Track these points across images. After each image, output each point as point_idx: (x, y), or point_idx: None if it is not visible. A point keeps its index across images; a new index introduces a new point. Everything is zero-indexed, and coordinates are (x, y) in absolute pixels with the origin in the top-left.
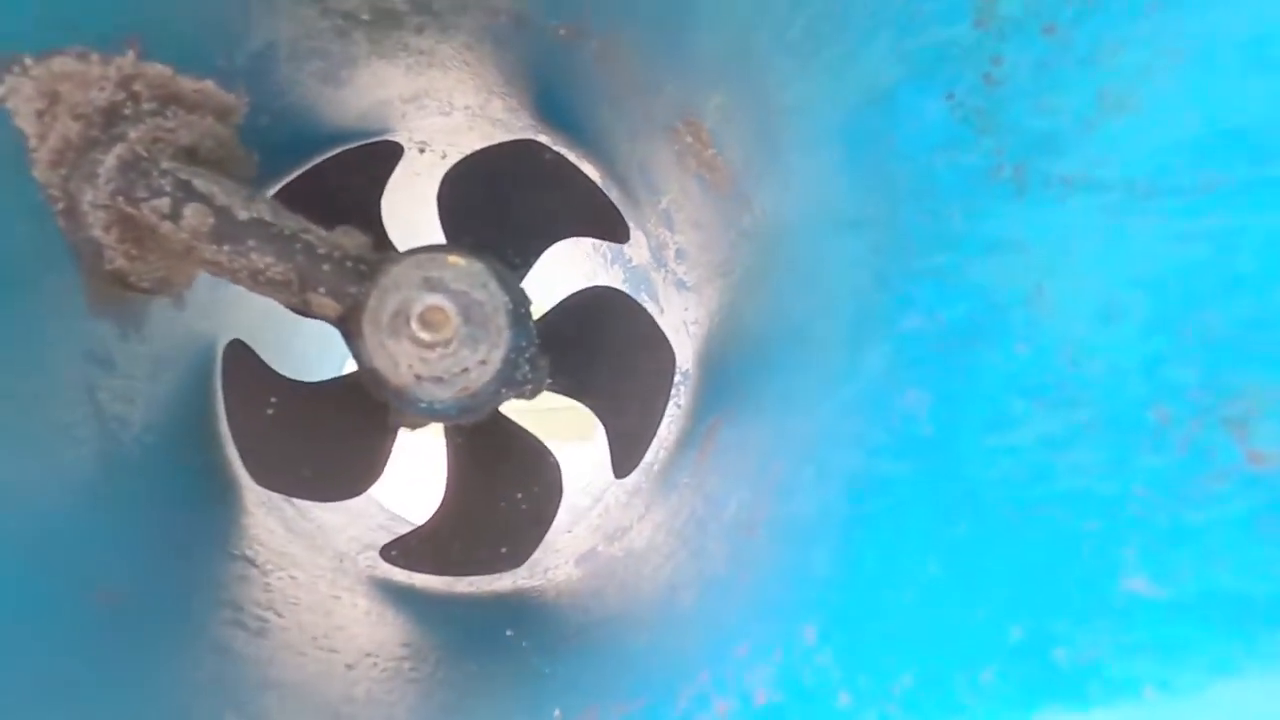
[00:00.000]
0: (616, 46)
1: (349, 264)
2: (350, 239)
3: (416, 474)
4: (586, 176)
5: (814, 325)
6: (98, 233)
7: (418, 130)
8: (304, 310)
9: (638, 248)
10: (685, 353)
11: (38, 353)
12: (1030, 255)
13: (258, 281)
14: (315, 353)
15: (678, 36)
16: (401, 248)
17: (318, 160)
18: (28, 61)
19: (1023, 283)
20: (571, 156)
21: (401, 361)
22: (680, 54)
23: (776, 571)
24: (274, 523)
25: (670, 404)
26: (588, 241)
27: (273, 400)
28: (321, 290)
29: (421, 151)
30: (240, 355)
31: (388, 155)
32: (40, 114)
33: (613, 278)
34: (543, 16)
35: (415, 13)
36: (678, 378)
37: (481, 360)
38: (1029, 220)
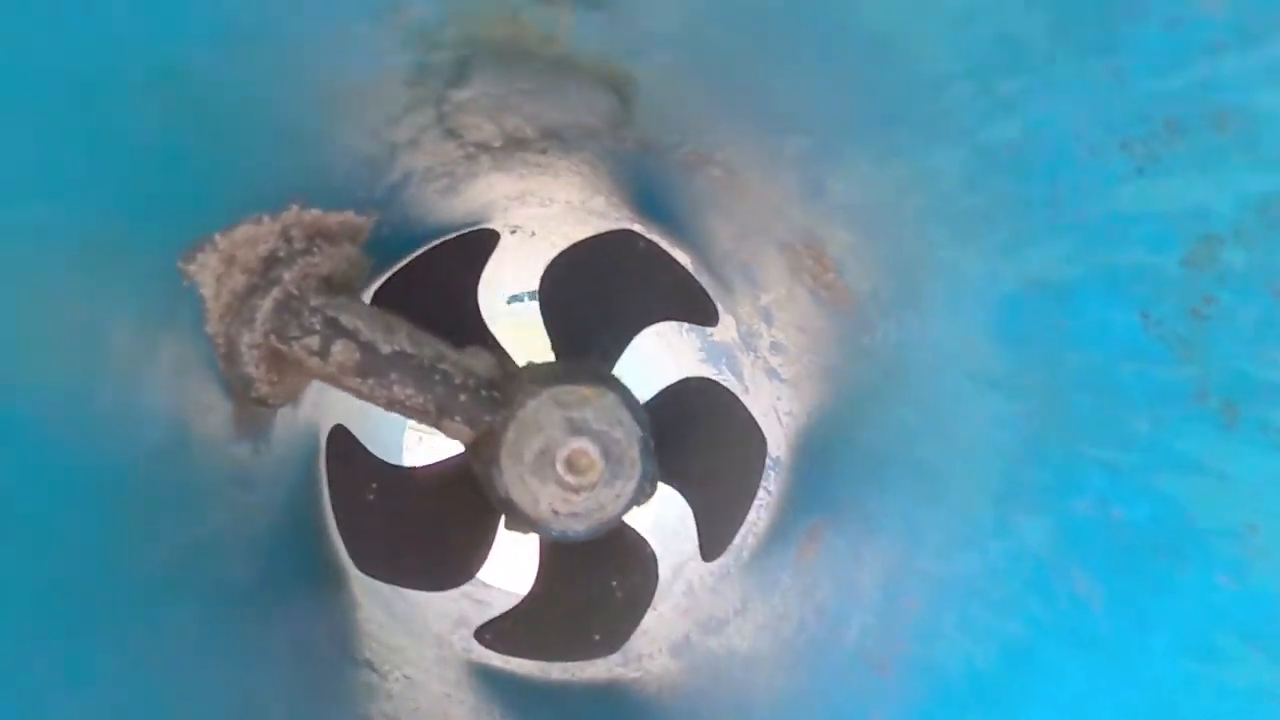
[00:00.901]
0: (742, 176)
1: (483, 393)
2: (479, 360)
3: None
4: (679, 264)
5: (946, 468)
6: (250, 369)
7: (514, 218)
8: (436, 428)
9: (724, 329)
10: (775, 439)
11: (199, 497)
12: (1239, 491)
13: (393, 407)
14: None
15: (814, 178)
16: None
17: (419, 252)
18: (217, 238)
19: (1230, 517)
20: (665, 244)
21: (543, 500)
22: (813, 193)
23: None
24: (379, 611)
25: (760, 490)
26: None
27: (373, 486)
28: (458, 419)
29: (512, 232)
30: (342, 440)
31: (484, 243)
32: (219, 278)
33: (688, 345)
34: (669, 144)
35: (543, 139)
36: (768, 463)
37: (617, 495)
38: (1240, 457)
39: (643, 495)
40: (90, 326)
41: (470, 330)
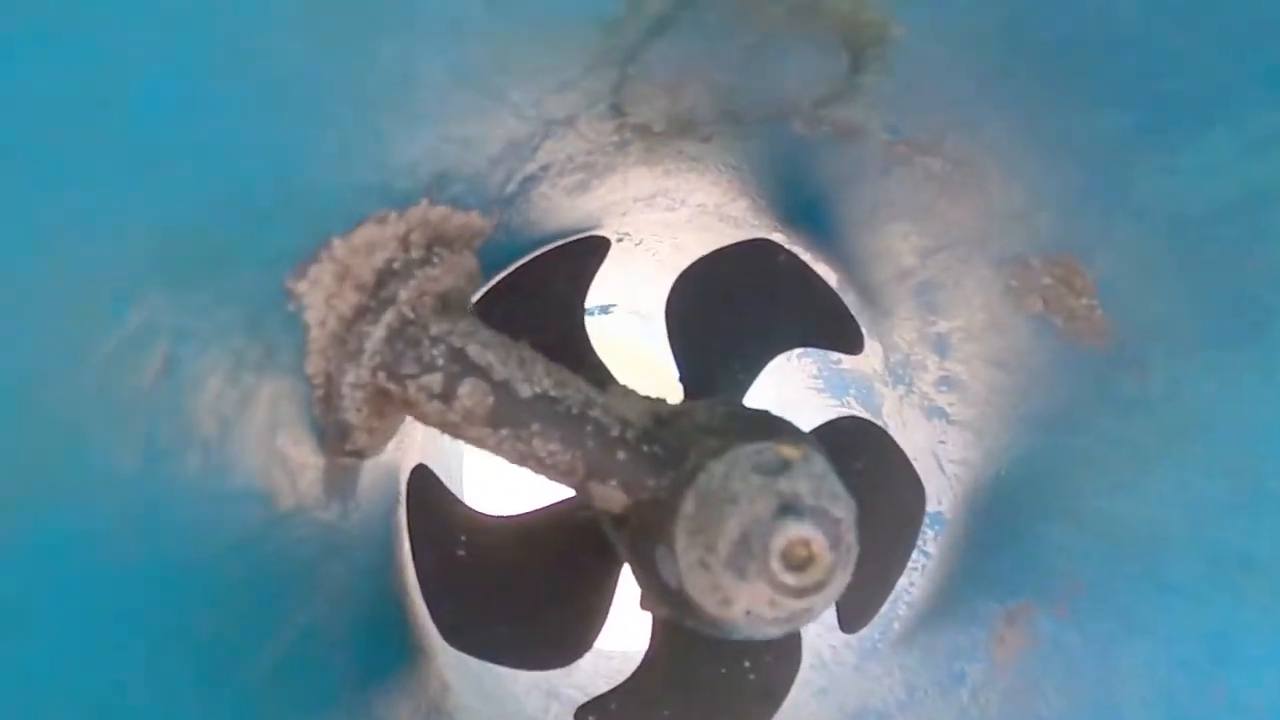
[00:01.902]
0: (975, 171)
1: (645, 448)
2: (630, 403)
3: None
4: (822, 280)
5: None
6: (351, 414)
7: (629, 224)
8: (579, 491)
9: (863, 356)
10: (935, 490)
11: (292, 583)
12: None
13: (524, 460)
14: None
15: (1113, 173)
16: None
17: (523, 260)
18: (335, 244)
19: None
20: (807, 257)
21: (740, 600)
22: (1101, 193)
23: None
24: (470, 695)
25: (915, 550)
26: None
27: (463, 539)
28: (613, 483)
29: (619, 240)
30: (425, 484)
31: (595, 251)
32: (329, 299)
33: (796, 369)
34: (885, 127)
35: (716, 121)
36: (925, 519)
37: (832, 595)
38: None
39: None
40: (175, 373)
41: (575, 350)
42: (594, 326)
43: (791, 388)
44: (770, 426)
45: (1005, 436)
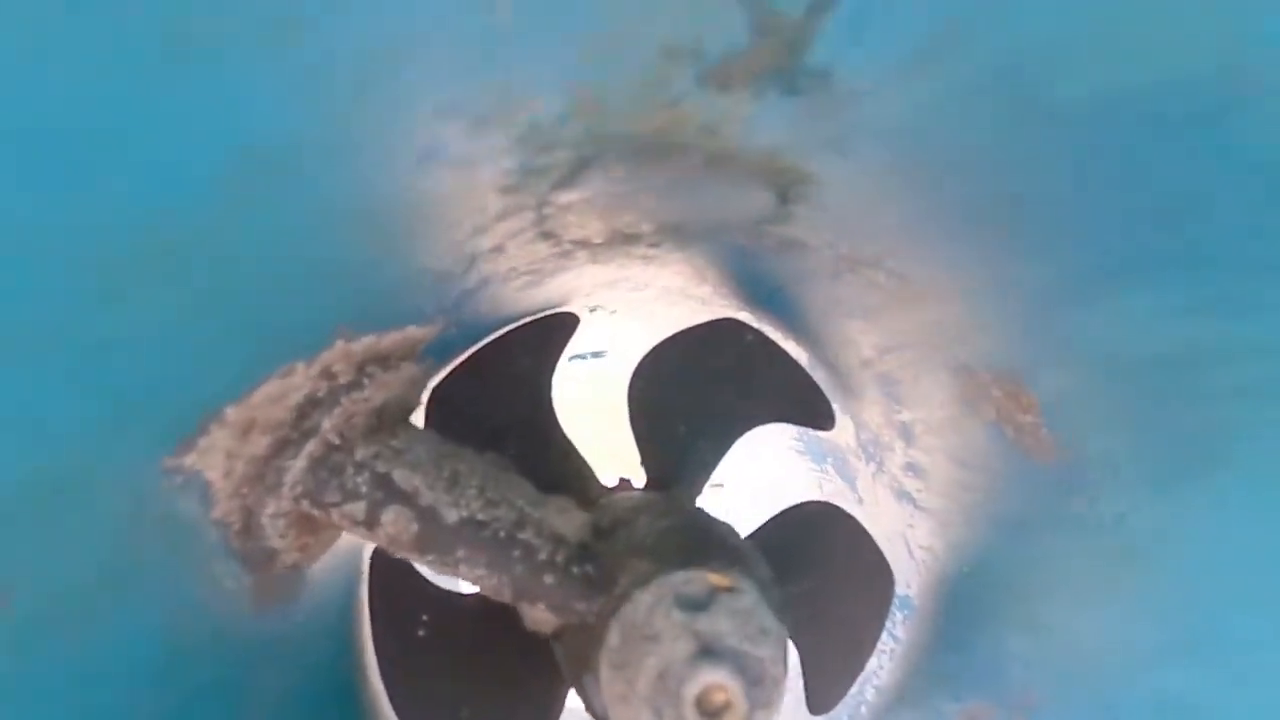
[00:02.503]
0: (916, 288)
1: (574, 569)
2: (567, 520)
3: None
4: (791, 358)
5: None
6: (274, 541)
7: (598, 299)
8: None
9: (837, 430)
10: (904, 574)
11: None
12: None
13: (458, 577)
14: None
15: (1043, 313)
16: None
17: (486, 341)
18: (228, 413)
19: None
20: (775, 334)
21: None
22: (1034, 328)
23: None
24: None
25: (884, 633)
26: None
27: (424, 619)
28: (541, 606)
29: (591, 311)
30: (388, 562)
31: (562, 328)
32: (229, 455)
33: (783, 432)
34: (823, 244)
35: (658, 234)
36: (894, 602)
37: None
38: None
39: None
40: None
41: (540, 427)
42: (588, 368)
43: (773, 451)
44: (707, 545)
45: (967, 532)
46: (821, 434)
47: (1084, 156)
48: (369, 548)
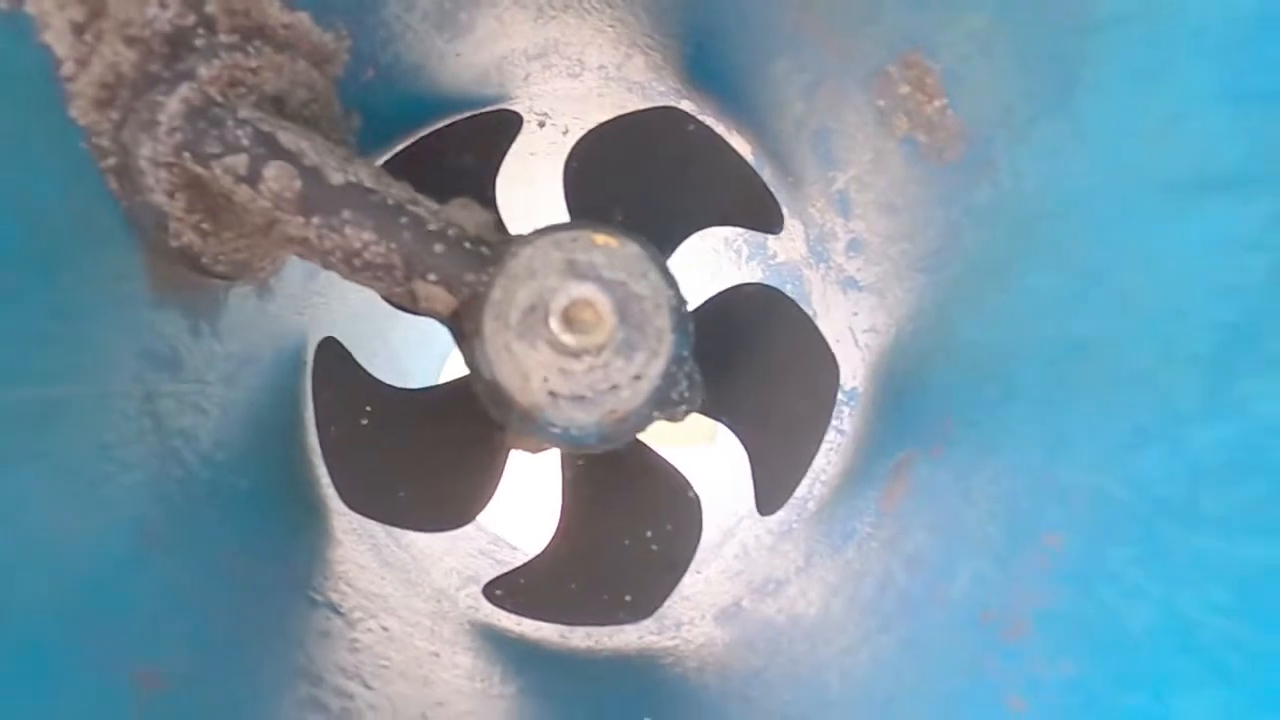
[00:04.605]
0: None
1: (467, 244)
2: (469, 213)
3: (527, 491)
4: (736, 152)
5: (1120, 339)
6: (159, 198)
7: (539, 98)
8: (408, 305)
9: (788, 240)
10: (851, 366)
11: (82, 353)
12: None
13: (353, 266)
14: (413, 352)
15: None
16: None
17: (426, 131)
18: None
19: None
20: (719, 128)
21: (534, 374)
22: None
23: (1084, 703)
24: (365, 554)
25: (831, 429)
26: (720, 233)
27: (368, 409)
28: (432, 277)
29: (541, 125)
30: (334, 356)
31: (505, 126)
32: (78, 29)
33: (748, 275)
34: (757, 70)
35: None
36: (840, 397)
37: (636, 375)
38: None
39: (678, 400)
40: None
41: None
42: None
43: (728, 276)
44: (599, 228)
45: (900, 291)
46: (778, 258)
47: None
48: (314, 341)
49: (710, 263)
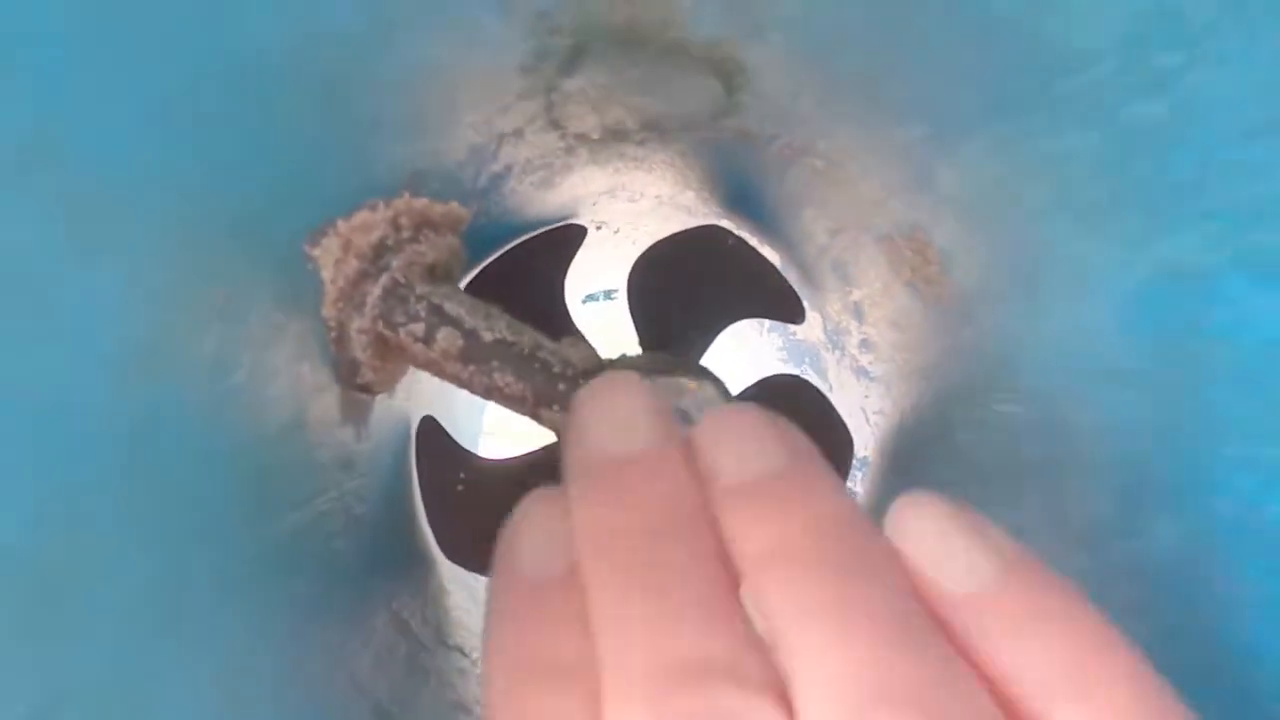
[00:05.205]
0: (843, 168)
1: (581, 381)
2: (577, 351)
3: None
4: (767, 260)
5: (1059, 467)
6: (359, 353)
7: (601, 214)
8: (532, 417)
9: (809, 327)
10: (863, 437)
11: (310, 477)
12: None
13: (492, 396)
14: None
15: (924, 169)
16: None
17: (508, 246)
18: (339, 223)
19: None
20: (753, 241)
21: None
22: (921, 184)
23: None
24: (465, 597)
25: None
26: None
27: (461, 476)
28: (555, 408)
29: (598, 229)
30: (431, 431)
31: (572, 238)
32: (337, 263)
33: (768, 345)
34: (769, 135)
35: (642, 129)
36: (855, 463)
37: None
38: None
39: None
40: (232, 308)
41: (558, 323)
42: (601, 310)
43: (764, 359)
44: (680, 369)
45: (904, 387)
46: (798, 338)
47: (928, 39)
48: (415, 419)
49: (748, 340)
